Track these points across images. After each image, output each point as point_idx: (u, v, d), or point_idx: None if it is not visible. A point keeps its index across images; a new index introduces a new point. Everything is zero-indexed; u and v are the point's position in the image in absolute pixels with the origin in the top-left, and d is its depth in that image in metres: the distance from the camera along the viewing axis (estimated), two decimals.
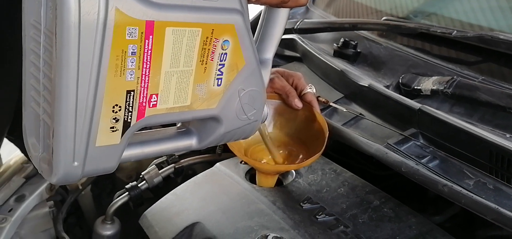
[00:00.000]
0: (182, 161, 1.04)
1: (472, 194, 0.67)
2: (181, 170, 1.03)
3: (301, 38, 1.21)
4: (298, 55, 1.22)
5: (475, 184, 0.71)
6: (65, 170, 0.49)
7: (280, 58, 1.26)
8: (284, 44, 1.27)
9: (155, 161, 1.07)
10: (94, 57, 0.45)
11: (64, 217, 0.98)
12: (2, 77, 0.83)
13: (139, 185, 0.96)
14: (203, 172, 0.91)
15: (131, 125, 0.51)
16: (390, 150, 0.79)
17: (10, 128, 0.90)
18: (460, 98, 0.82)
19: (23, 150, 1.01)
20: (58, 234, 0.95)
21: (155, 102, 0.52)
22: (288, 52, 1.26)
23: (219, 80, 0.57)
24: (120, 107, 0.49)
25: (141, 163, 1.19)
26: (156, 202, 0.86)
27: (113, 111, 0.49)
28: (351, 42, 1.08)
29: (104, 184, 1.21)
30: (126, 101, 0.50)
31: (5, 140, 0.95)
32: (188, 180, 0.89)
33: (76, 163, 0.49)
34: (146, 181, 0.98)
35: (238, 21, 0.55)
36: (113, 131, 0.50)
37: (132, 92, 0.50)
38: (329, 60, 1.07)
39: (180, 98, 0.55)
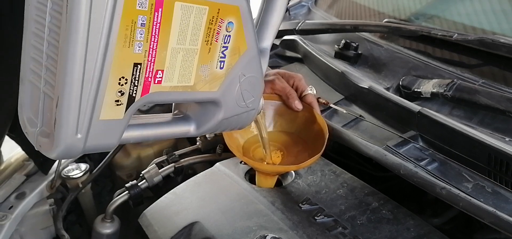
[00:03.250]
0: (182, 160, 1.05)
1: (470, 197, 0.67)
2: (181, 170, 1.04)
3: (303, 39, 1.21)
4: (299, 56, 1.22)
5: (473, 187, 0.71)
6: (68, 142, 0.47)
7: (281, 58, 1.27)
8: (286, 44, 1.27)
9: (155, 160, 1.07)
10: (105, 24, 0.45)
11: (64, 215, 0.99)
12: (4, 74, 0.84)
13: (139, 184, 0.97)
14: (203, 171, 0.92)
15: (135, 100, 0.51)
16: (389, 152, 0.79)
17: (11, 125, 0.91)
18: (460, 101, 0.82)
19: (24, 147, 1.02)
20: (58, 232, 0.96)
21: (160, 78, 0.52)
22: (289, 53, 1.27)
23: (222, 63, 0.58)
24: (126, 80, 0.49)
25: (141, 162, 1.19)
26: (156, 201, 0.86)
27: (119, 83, 0.48)
28: (352, 43, 1.08)
29: (104, 183, 1.22)
30: (133, 75, 0.49)
31: (6, 138, 0.95)
32: (188, 180, 0.90)
33: (79, 136, 0.48)
34: (146, 180, 0.98)
35: (243, 4, 0.55)
36: (117, 105, 0.49)
37: (139, 66, 0.49)
38: (330, 61, 1.07)
39: (184, 77, 0.55)
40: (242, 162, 0.90)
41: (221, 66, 0.58)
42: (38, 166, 1.03)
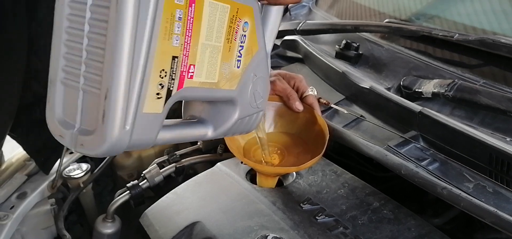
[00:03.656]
0: (183, 160, 1.05)
1: (471, 197, 0.67)
2: (182, 170, 1.04)
3: (303, 39, 1.21)
4: (300, 56, 1.23)
5: (474, 187, 0.71)
6: (117, 135, 0.47)
7: (282, 59, 1.27)
8: (286, 45, 1.27)
9: (156, 160, 1.07)
10: (149, 16, 0.46)
11: (65, 214, 0.99)
12: (5, 74, 0.84)
13: (140, 183, 0.97)
14: (204, 171, 0.92)
15: (172, 94, 0.51)
16: (390, 152, 0.79)
17: (12, 125, 0.91)
18: (460, 101, 0.82)
19: (25, 147, 1.02)
20: (59, 232, 0.96)
21: (192, 73, 0.53)
22: (290, 53, 1.27)
23: (239, 62, 0.59)
24: (166, 73, 0.50)
25: (142, 162, 1.20)
26: (157, 201, 0.86)
27: (160, 76, 0.49)
28: (353, 43, 1.08)
29: (106, 183, 1.22)
30: (171, 68, 0.50)
31: (8, 138, 0.95)
32: (189, 180, 0.90)
33: (127, 128, 0.47)
34: (147, 180, 0.98)
35: (255, 6, 0.58)
36: (158, 98, 0.50)
37: (176, 59, 0.51)
38: (330, 61, 1.07)
39: (210, 74, 0.56)
40: (243, 162, 0.90)
41: (238, 65, 0.59)
42: (39, 166, 1.03)
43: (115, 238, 0.95)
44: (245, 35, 0.58)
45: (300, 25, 1.22)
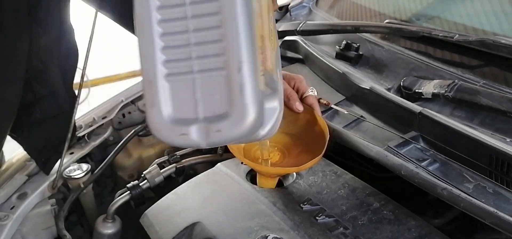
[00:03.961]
0: (183, 160, 1.05)
1: (471, 198, 0.67)
2: (183, 170, 1.04)
3: (304, 40, 1.21)
4: (300, 56, 1.23)
5: (474, 187, 0.71)
6: (258, 106, 0.45)
7: (282, 59, 1.26)
8: (287, 45, 1.27)
9: (156, 160, 1.07)
10: None
11: (66, 215, 0.99)
12: (6, 74, 0.84)
13: (140, 184, 0.97)
14: (204, 172, 0.92)
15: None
16: (390, 153, 0.79)
17: (13, 126, 0.91)
18: (461, 101, 0.82)
19: (26, 147, 1.02)
20: (59, 232, 0.96)
21: (266, 56, 0.52)
22: (290, 54, 1.27)
23: (272, 55, 0.58)
24: (261, 50, 0.48)
25: (143, 163, 1.20)
26: (157, 201, 0.86)
27: (260, 52, 0.48)
28: (353, 44, 1.08)
29: (106, 183, 1.22)
30: (262, 47, 0.49)
31: (8, 138, 0.95)
32: (189, 180, 0.90)
33: (260, 100, 0.45)
34: (148, 180, 0.98)
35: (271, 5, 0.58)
36: (262, 75, 0.48)
37: (262, 38, 0.50)
38: (331, 62, 1.07)
39: (270, 60, 0.54)
40: (243, 163, 0.90)
41: (273, 58, 0.58)
42: (40, 166, 1.03)
43: (115, 238, 0.95)
44: (271, 29, 0.58)
45: (301, 25, 1.22)
